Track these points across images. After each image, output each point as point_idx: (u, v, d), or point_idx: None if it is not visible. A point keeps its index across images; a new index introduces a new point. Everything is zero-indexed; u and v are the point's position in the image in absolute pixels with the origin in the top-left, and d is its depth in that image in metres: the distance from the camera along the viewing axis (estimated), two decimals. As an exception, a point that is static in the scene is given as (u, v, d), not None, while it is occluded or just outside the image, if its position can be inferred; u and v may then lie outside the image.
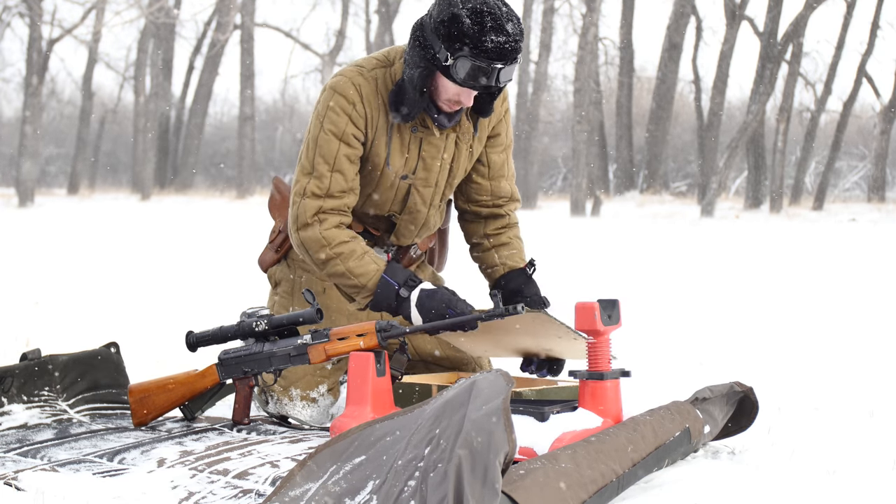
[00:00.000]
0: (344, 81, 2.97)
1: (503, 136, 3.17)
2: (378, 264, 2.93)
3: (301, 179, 3.00)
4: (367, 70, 2.99)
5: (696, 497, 2.29)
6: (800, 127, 30.30)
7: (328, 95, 2.98)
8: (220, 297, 6.19)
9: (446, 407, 2.09)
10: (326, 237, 2.95)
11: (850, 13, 25.48)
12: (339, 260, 2.94)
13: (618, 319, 2.61)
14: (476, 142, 3.11)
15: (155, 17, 26.97)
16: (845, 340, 4.87)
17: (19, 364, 3.12)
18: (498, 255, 3.18)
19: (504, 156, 3.19)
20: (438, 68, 2.85)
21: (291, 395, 3.10)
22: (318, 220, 2.96)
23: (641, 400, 2.84)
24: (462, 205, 3.23)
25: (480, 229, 3.21)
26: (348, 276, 2.94)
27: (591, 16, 22.20)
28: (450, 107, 2.93)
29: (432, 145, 3.03)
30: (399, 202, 3.09)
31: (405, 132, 3.01)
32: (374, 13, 30.43)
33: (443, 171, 3.08)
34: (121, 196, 28.98)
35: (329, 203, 2.97)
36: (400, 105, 2.93)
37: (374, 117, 2.97)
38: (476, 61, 2.80)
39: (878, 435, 2.97)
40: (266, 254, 3.29)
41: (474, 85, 2.84)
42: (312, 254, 2.97)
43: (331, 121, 2.96)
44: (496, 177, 3.18)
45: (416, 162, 3.04)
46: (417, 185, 3.07)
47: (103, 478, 2.45)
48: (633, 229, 15.82)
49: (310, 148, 2.99)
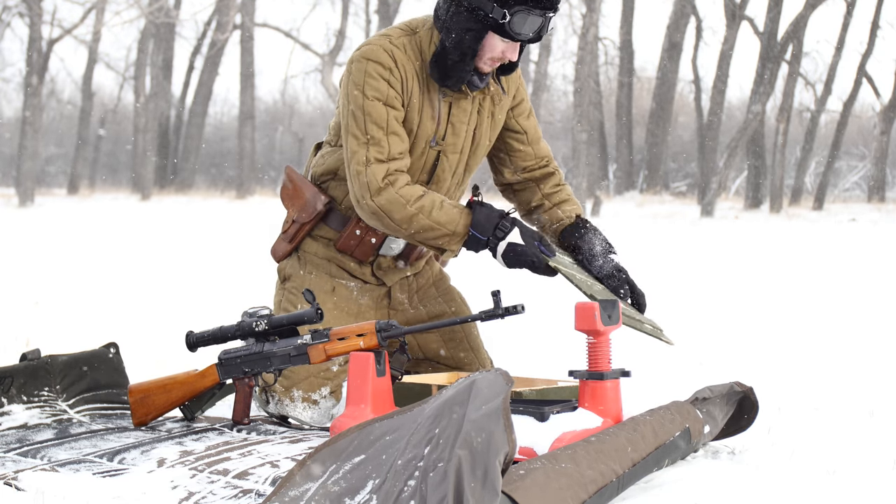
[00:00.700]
0: (375, 49, 3.01)
1: (525, 102, 3.25)
2: (459, 209, 2.99)
3: (358, 150, 2.99)
4: (395, 38, 3.04)
5: (696, 497, 2.28)
6: (800, 127, 30.30)
7: (362, 65, 3.00)
8: (221, 297, 6.19)
9: (445, 406, 2.09)
10: (403, 195, 2.96)
11: (850, 13, 25.47)
12: (422, 214, 2.97)
13: (618, 319, 2.61)
14: (498, 108, 3.15)
15: (155, 17, 26.96)
16: (845, 340, 4.86)
17: (19, 364, 3.12)
18: (562, 210, 3.24)
19: (532, 120, 3.28)
20: (492, 27, 2.92)
21: (293, 395, 3.10)
22: (389, 182, 2.97)
23: (641, 400, 2.84)
24: (510, 177, 3.28)
25: (538, 192, 3.27)
26: (436, 227, 2.97)
27: (591, 16, 22.19)
28: (491, 64, 3.01)
29: (461, 109, 3.09)
30: (427, 171, 3.12)
31: (434, 97, 3.06)
32: (374, 13, 30.41)
33: (468, 138, 3.13)
34: (121, 196, 28.97)
35: (394, 165, 2.99)
36: (446, 72, 2.99)
37: (409, 82, 3.02)
38: (533, 12, 2.90)
39: (878, 435, 2.97)
40: (279, 244, 3.28)
41: (530, 37, 2.94)
42: (394, 215, 2.97)
43: (372, 87, 2.99)
44: (534, 140, 3.27)
45: (446, 127, 3.08)
46: (447, 151, 3.11)
47: (103, 478, 2.45)
48: (633, 229, 15.81)
49: (357, 118, 3.00)
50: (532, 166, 3.27)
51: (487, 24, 2.92)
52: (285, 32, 32.78)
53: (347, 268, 3.21)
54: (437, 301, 3.31)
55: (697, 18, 29.58)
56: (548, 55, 26.39)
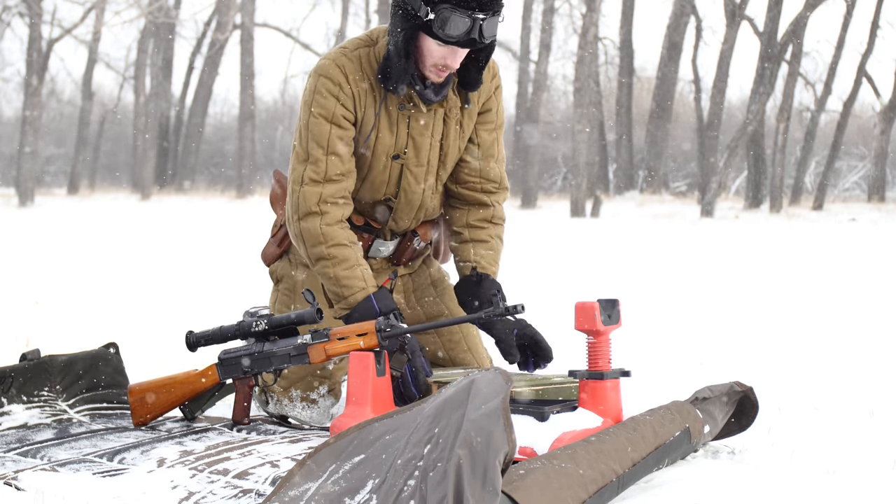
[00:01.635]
0: (328, 64, 2.96)
1: (493, 114, 3.13)
2: (367, 283, 2.91)
3: (297, 167, 2.97)
4: (350, 50, 2.98)
5: (696, 497, 2.29)
6: (800, 127, 30.30)
7: (314, 80, 2.96)
8: (220, 297, 6.19)
9: (445, 406, 2.09)
10: (325, 234, 2.93)
11: (850, 13, 25.47)
12: (330, 262, 2.93)
13: (618, 319, 2.61)
14: (466, 118, 3.07)
15: (155, 16, 26.96)
16: (845, 340, 4.86)
17: (19, 364, 3.12)
18: (474, 251, 3.12)
19: (494, 135, 3.15)
20: (421, 27, 2.85)
21: (291, 395, 3.10)
22: (320, 210, 2.94)
23: (641, 400, 2.84)
24: (450, 186, 3.17)
25: (464, 217, 3.16)
26: (335, 282, 2.93)
27: (591, 16, 22.19)
28: (437, 73, 2.92)
29: (420, 123, 3.01)
30: (393, 185, 3.06)
31: (393, 111, 2.99)
32: (374, 13, 30.41)
33: (433, 150, 3.05)
34: (121, 196, 28.97)
35: (329, 189, 2.94)
36: (388, 76, 2.92)
37: (362, 97, 2.96)
38: (457, 12, 2.80)
39: (878, 435, 2.97)
40: (268, 248, 3.27)
41: (458, 40, 2.83)
42: (308, 247, 2.96)
43: (319, 104, 2.94)
44: (486, 156, 3.14)
45: (406, 140, 3.02)
46: (409, 165, 3.04)
47: (103, 478, 2.45)
48: (633, 229, 15.81)
49: (302, 135, 2.97)
50: (472, 184, 3.14)
51: (417, 24, 2.85)
52: (285, 32, 32.79)
53: None
54: (434, 301, 3.29)
55: (697, 18, 29.58)
56: (548, 55, 26.38)
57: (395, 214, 3.11)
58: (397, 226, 3.15)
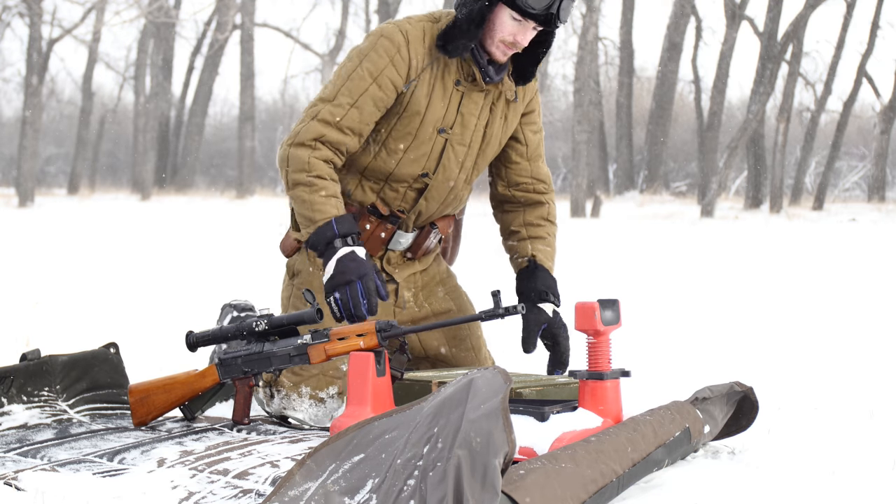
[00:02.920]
0: (391, 27, 3.03)
1: (536, 115, 3.21)
2: (338, 210, 2.95)
3: (318, 104, 3.01)
4: (415, 21, 3.05)
5: (696, 497, 2.29)
6: (800, 127, 30.29)
7: (374, 38, 3.02)
8: (220, 297, 6.18)
9: (444, 405, 2.09)
10: (311, 164, 2.96)
11: (850, 13, 25.48)
12: (309, 189, 2.95)
13: (618, 319, 2.61)
14: (511, 112, 3.13)
15: (155, 16, 26.96)
16: (845, 340, 4.87)
17: (19, 364, 3.12)
18: (532, 246, 3.18)
19: (539, 136, 3.23)
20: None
21: (301, 392, 3.09)
22: (314, 146, 2.97)
23: (641, 400, 2.84)
24: (503, 191, 3.23)
25: (521, 217, 3.23)
26: (308, 205, 2.94)
27: (591, 16, 22.19)
28: (504, 50, 2.98)
29: (472, 102, 3.06)
30: (434, 159, 3.09)
31: (448, 85, 3.04)
32: (374, 13, 30.42)
33: (477, 133, 3.10)
34: (121, 196, 28.97)
35: (332, 135, 2.98)
36: (449, 38, 2.97)
37: (418, 64, 3.01)
38: None
39: (878, 435, 2.97)
40: (287, 239, 3.27)
41: (538, 13, 2.89)
42: (291, 171, 2.98)
43: (371, 60, 2.99)
44: (534, 157, 3.22)
45: (455, 116, 3.06)
46: (453, 142, 3.08)
47: (103, 478, 2.45)
48: (633, 229, 15.81)
49: (339, 79, 3.01)
50: (526, 185, 3.22)
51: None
52: (285, 32, 32.78)
53: None
54: (443, 299, 3.30)
55: (697, 18, 29.59)
56: (548, 55, 26.38)
57: (428, 194, 3.13)
58: (424, 212, 3.16)
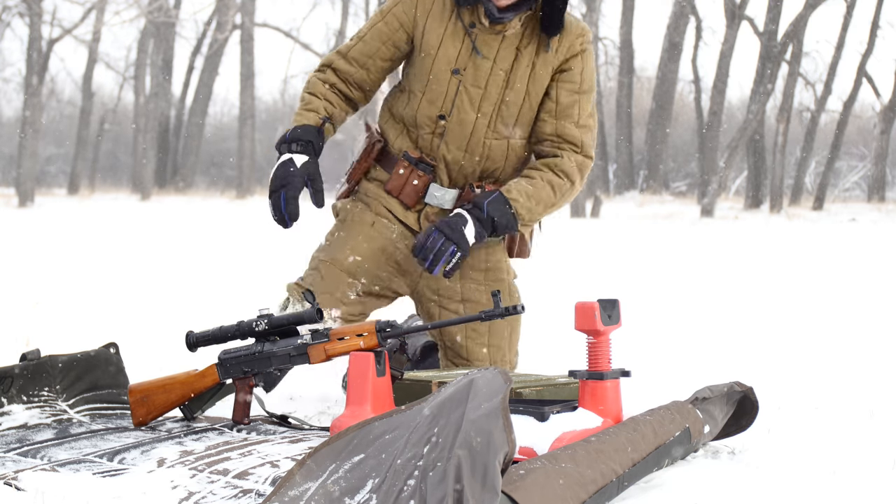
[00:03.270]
0: None
1: (576, 75, 3.13)
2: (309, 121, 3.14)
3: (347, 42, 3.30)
4: None
5: (696, 497, 2.29)
6: (800, 127, 30.30)
7: None
8: (220, 297, 6.19)
9: (444, 406, 2.09)
10: (311, 83, 3.23)
11: (850, 13, 25.49)
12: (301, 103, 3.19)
13: (618, 319, 2.61)
14: (541, 62, 3.11)
15: (155, 16, 26.97)
16: (845, 340, 4.86)
17: (19, 364, 3.12)
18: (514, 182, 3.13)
19: (575, 98, 3.13)
20: None
21: None
22: (323, 70, 3.23)
23: (641, 400, 2.84)
24: (532, 146, 3.22)
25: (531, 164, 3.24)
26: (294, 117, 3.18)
27: (591, 16, 22.20)
28: None
29: (487, 45, 3.09)
30: (449, 100, 3.12)
31: (461, 27, 3.11)
32: (374, 13, 30.42)
33: (494, 76, 3.10)
34: (121, 196, 28.98)
35: (339, 63, 3.21)
36: None
37: (432, 6, 3.12)
38: None
39: (878, 435, 2.97)
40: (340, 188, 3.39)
41: None
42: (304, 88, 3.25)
43: (387, 3, 3.18)
44: (563, 117, 3.14)
45: (468, 59, 3.10)
46: (466, 83, 3.10)
47: (103, 478, 2.45)
48: (633, 229, 15.81)
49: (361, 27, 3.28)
50: (551, 142, 3.15)
51: None
52: (285, 32, 32.79)
53: (394, 210, 3.24)
54: (476, 289, 3.24)
55: (697, 18, 29.59)
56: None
57: (447, 138, 3.14)
58: (451, 161, 3.17)
